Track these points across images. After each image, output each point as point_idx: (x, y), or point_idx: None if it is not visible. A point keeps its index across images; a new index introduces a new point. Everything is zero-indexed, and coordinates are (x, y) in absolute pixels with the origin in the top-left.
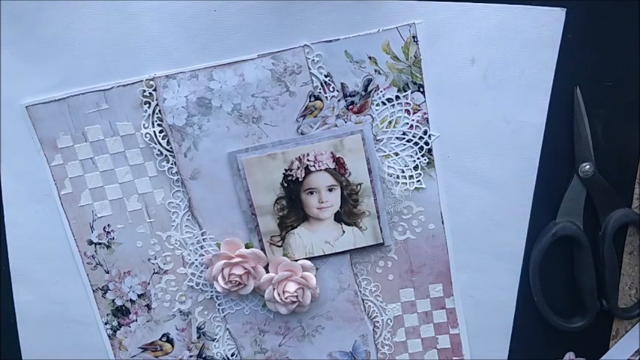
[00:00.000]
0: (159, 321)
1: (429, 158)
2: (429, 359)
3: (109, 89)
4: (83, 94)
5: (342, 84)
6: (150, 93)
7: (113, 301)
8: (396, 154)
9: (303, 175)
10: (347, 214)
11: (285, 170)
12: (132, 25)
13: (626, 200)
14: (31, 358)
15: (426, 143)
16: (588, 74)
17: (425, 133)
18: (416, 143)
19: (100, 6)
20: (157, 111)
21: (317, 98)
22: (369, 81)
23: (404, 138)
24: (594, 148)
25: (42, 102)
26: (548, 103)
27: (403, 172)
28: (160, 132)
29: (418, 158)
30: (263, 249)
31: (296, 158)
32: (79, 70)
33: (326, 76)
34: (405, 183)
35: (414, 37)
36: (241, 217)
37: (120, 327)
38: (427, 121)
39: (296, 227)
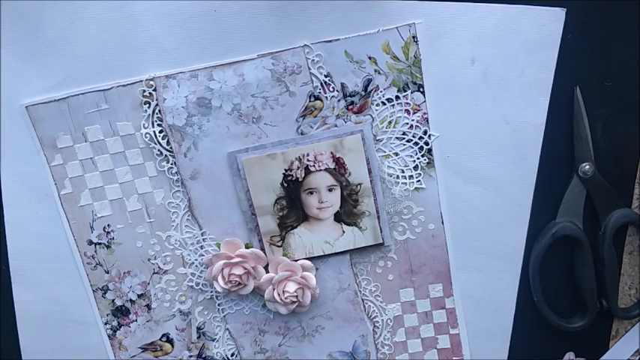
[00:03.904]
0: (159, 321)
1: (429, 158)
2: (429, 359)
3: (109, 89)
4: (83, 94)
5: (342, 84)
6: (150, 93)
7: (113, 301)
8: (396, 154)
9: (303, 175)
10: (347, 214)
11: (285, 170)
12: (132, 25)
13: (626, 200)
14: (31, 358)
15: (426, 143)
16: (588, 74)
17: (425, 133)
18: (416, 143)
19: (101, 6)
20: (156, 111)
21: (317, 98)
22: (369, 81)
23: (404, 138)
24: (594, 148)
25: (42, 102)
26: (548, 103)
27: (403, 172)
28: (160, 132)
29: (418, 158)
30: (263, 249)
31: (296, 158)
32: (79, 70)
33: (326, 76)
34: (405, 183)
35: (413, 37)
36: (241, 217)
37: (120, 327)
38: (427, 121)
39: (296, 227)
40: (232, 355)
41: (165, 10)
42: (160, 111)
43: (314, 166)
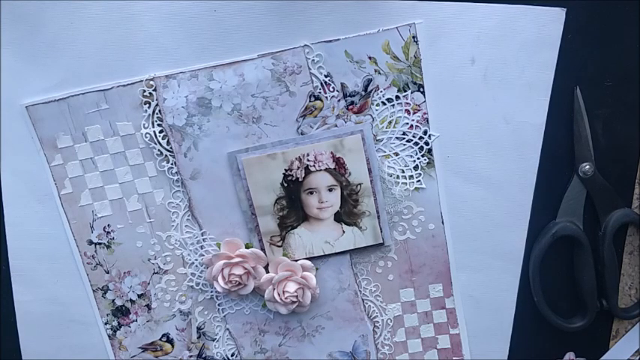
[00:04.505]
0: (159, 321)
1: (429, 158)
2: (429, 359)
3: (109, 89)
4: (83, 94)
5: (342, 84)
6: (150, 93)
7: (113, 301)
8: (396, 154)
9: (303, 175)
10: (347, 214)
11: (285, 170)
12: (132, 25)
13: (626, 200)
14: (31, 358)
15: (426, 143)
16: (588, 74)
17: (425, 133)
18: (416, 143)
19: (101, 6)
20: (157, 111)
21: (317, 98)
22: (369, 81)
23: (404, 138)
24: (594, 148)
25: (42, 102)
26: (548, 103)
27: (403, 172)
28: (160, 132)
29: (418, 158)
30: (263, 249)
31: (296, 158)
32: (79, 70)
33: (326, 76)
34: (405, 183)
35: (414, 37)
36: (241, 217)
37: (120, 327)
38: (427, 121)
39: (296, 227)
40: (232, 355)
41: (166, 10)
42: (160, 111)
43: (314, 166)
